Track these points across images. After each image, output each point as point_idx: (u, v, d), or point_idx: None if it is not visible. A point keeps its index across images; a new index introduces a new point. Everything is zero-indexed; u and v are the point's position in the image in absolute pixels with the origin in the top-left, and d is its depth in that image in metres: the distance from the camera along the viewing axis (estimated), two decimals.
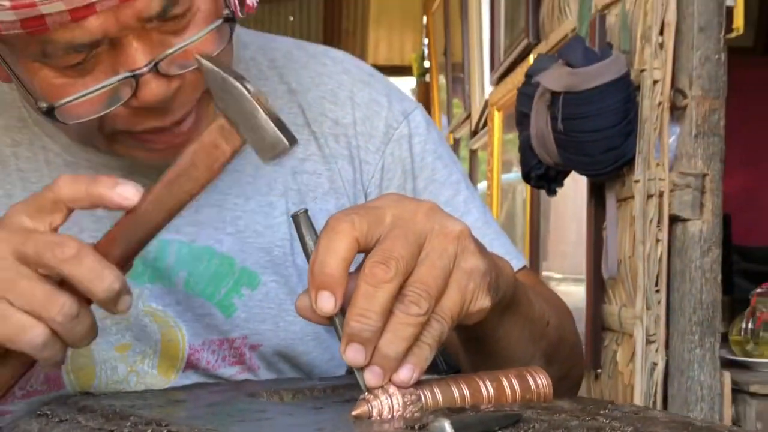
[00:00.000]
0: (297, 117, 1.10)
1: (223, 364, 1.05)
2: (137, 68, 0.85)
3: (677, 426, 0.73)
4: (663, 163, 1.72)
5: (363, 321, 0.70)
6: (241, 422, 0.76)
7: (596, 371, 2.03)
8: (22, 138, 1.04)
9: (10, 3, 0.78)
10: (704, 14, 1.72)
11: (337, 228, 0.72)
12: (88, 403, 0.83)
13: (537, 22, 2.67)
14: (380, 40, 7.37)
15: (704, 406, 1.72)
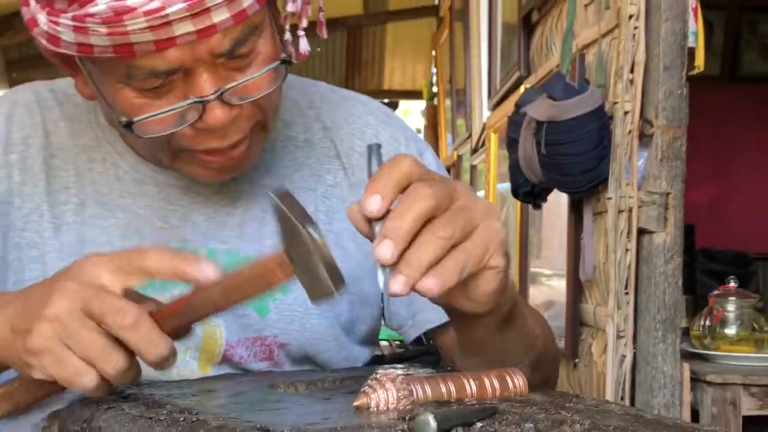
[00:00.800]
0: (330, 150, 1.11)
1: (254, 360, 1.05)
2: (205, 95, 0.87)
3: (630, 418, 0.74)
4: (632, 183, 1.73)
5: (397, 222, 0.69)
6: (259, 411, 0.77)
7: (574, 361, 2.03)
8: (97, 155, 1.05)
9: (107, 30, 0.80)
10: (668, 55, 1.73)
11: (400, 162, 0.72)
12: (132, 392, 0.84)
13: (527, 57, 2.68)
14: (395, 69, 7.36)
15: (666, 392, 1.73)
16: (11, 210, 1.02)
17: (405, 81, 7.39)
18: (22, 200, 1.02)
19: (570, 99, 1.72)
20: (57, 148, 1.05)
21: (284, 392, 0.87)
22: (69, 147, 1.05)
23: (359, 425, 0.66)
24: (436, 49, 5.84)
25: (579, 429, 0.68)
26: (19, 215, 1.02)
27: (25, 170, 1.03)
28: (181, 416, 0.71)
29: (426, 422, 0.64)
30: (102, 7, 0.79)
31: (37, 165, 1.03)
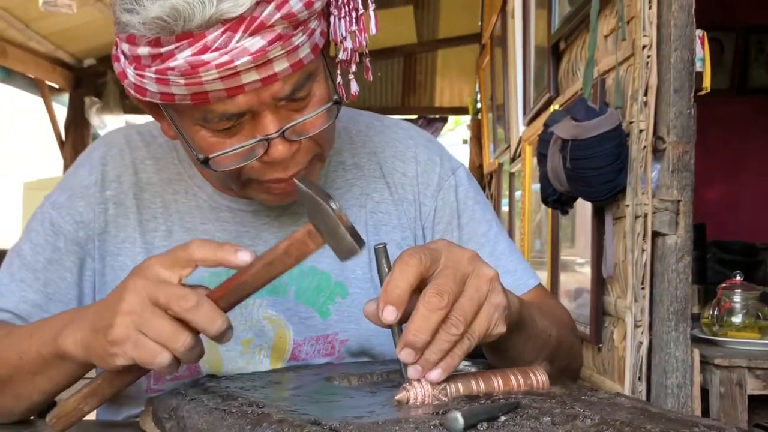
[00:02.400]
0: (376, 171, 1.11)
1: (318, 356, 1.05)
2: (269, 134, 0.87)
3: (636, 412, 0.73)
4: (647, 192, 1.69)
5: (418, 335, 0.72)
6: (315, 404, 0.78)
7: (598, 346, 2.00)
8: (179, 188, 1.06)
9: (184, 81, 0.81)
10: (678, 79, 1.69)
11: (410, 262, 0.73)
12: (212, 385, 0.85)
13: (556, 80, 2.64)
14: (444, 88, 7.34)
15: (678, 374, 1.69)
16: (108, 238, 1.04)
17: (453, 99, 7.37)
18: (117, 230, 1.04)
19: (591, 120, 1.69)
20: (145, 183, 1.06)
21: (339, 385, 0.87)
22: (155, 182, 1.06)
23: (398, 419, 0.66)
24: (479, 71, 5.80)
25: (589, 423, 0.66)
26: (114, 242, 1.04)
27: (118, 204, 1.05)
28: (249, 409, 0.72)
29: (455, 419, 0.64)
30: (180, 62, 0.80)
31: (129, 199, 1.05)
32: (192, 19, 0.78)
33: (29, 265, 1.02)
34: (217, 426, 0.70)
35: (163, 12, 0.78)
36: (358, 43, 0.91)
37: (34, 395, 0.90)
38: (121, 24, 0.82)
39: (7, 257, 1.04)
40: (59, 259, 1.02)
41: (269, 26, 0.80)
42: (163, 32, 0.79)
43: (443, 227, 1.11)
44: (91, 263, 1.04)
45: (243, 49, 0.80)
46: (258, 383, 0.87)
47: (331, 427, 0.64)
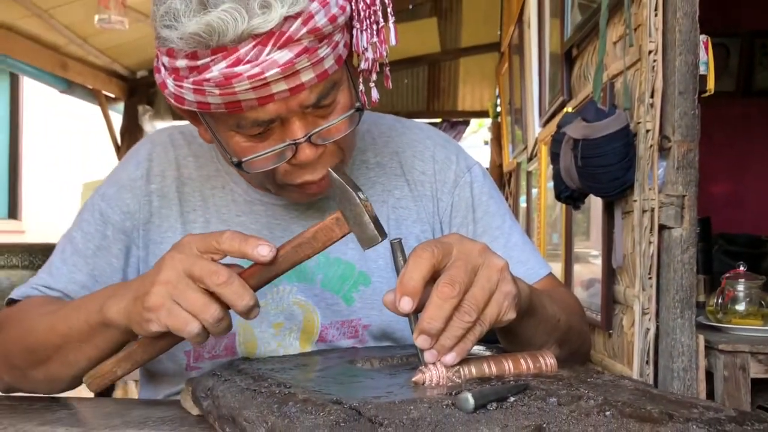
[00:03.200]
0: (397, 169, 1.11)
1: (343, 338, 1.05)
2: (297, 138, 0.88)
3: (638, 393, 0.71)
4: (654, 188, 1.66)
5: (432, 323, 0.72)
6: (338, 384, 0.77)
7: (609, 332, 1.97)
8: (217, 183, 1.07)
9: (219, 91, 0.82)
10: (683, 82, 1.65)
11: (423, 255, 0.73)
12: (245, 367, 0.85)
13: (569, 84, 2.61)
14: (466, 93, 7.30)
15: (684, 359, 1.66)
16: (152, 228, 1.05)
17: (474, 103, 7.33)
18: (160, 220, 1.05)
19: (601, 120, 1.67)
20: (187, 179, 1.07)
21: (361, 367, 0.87)
22: (195, 177, 1.07)
23: (413, 399, 0.66)
24: (498, 77, 5.76)
25: (593, 404, 0.65)
26: (158, 232, 1.05)
27: (162, 197, 1.06)
28: (277, 389, 0.72)
29: (466, 399, 0.63)
30: (215, 73, 0.81)
31: (172, 192, 1.06)
32: (226, 34, 0.79)
33: (80, 251, 1.03)
34: (247, 404, 0.70)
35: (199, 28, 0.79)
36: (379, 54, 0.91)
37: (81, 362, 0.91)
38: (161, 39, 0.83)
39: (60, 243, 1.06)
40: (107, 247, 1.04)
41: (296, 40, 0.80)
42: (200, 46, 0.80)
43: (459, 221, 1.10)
44: (136, 251, 1.05)
45: (272, 62, 0.80)
46: (287, 365, 0.87)
47: (351, 406, 0.64)
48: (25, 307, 0.99)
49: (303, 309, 1.04)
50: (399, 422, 0.60)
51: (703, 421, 0.61)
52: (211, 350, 1.02)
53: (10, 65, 4.75)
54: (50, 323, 0.91)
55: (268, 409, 0.67)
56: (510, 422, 0.61)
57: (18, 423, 0.86)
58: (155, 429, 0.83)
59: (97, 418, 0.89)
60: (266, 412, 0.67)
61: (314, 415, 0.64)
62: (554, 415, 0.63)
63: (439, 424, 0.60)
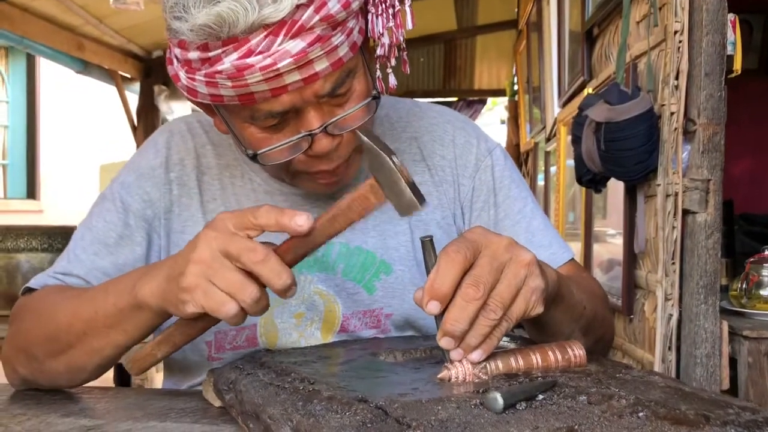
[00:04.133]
0: (416, 155, 1.09)
1: (365, 328, 1.04)
2: (313, 129, 0.86)
3: (670, 391, 0.69)
4: (678, 172, 1.63)
5: (456, 325, 0.71)
6: (362, 379, 0.76)
7: (630, 317, 1.95)
8: (236, 172, 1.06)
9: (231, 84, 0.80)
10: (709, 63, 1.61)
11: (456, 258, 0.71)
12: (267, 360, 0.84)
13: (590, 65, 2.56)
14: (483, 72, 7.22)
15: (707, 345, 1.64)
16: (172, 217, 1.04)
17: (491, 81, 7.26)
18: (180, 209, 1.04)
19: (624, 103, 1.63)
20: (206, 167, 1.06)
21: (384, 360, 0.85)
22: (214, 166, 1.06)
23: (440, 398, 0.65)
24: (516, 55, 5.69)
25: (624, 403, 0.64)
26: (178, 221, 1.04)
27: (182, 185, 1.05)
28: (301, 385, 0.71)
29: (495, 399, 0.62)
30: (227, 65, 0.79)
31: (191, 181, 1.05)
32: (236, 24, 0.77)
33: (101, 240, 1.02)
34: (271, 401, 0.69)
35: (209, 19, 0.77)
36: (396, 38, 0.89)
37: (106, 349, 0.88)
38: (172, 30, 0.82)
39: (77, 233, 1.04)
40: (130, 235, 1.02)
41: (309, 29, 0.78)
42: (210, 38, 0.78)
43: (480, 205, 1.08)
44: (158, 240, 1.04)
45: (285, 52, 0.78)
46: (310, 358, 0.86)
47: (377, 405, 0.63)
48: (43, 295, 0.97)
49: (324, 299, 1.03)
50: (427, 423, 0.59)
51: (740, 423, 0.59)
52: (232, 341, 1.01)
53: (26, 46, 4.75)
54: (73, 308, 0.88)
55: (292, 407, 0.66)
56: (540, 423, 0.60)
57: (41, 414, 0.86)
58: (177, 421, 0.83)
59: (119, 409, 0.89)
60: (291, 410, 0.66)
61: (340, 414, 0.62)
62: (585, 415, 0.62)
63: (469, 425, 0.59)
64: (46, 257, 2.40)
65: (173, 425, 0.81)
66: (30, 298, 0.98)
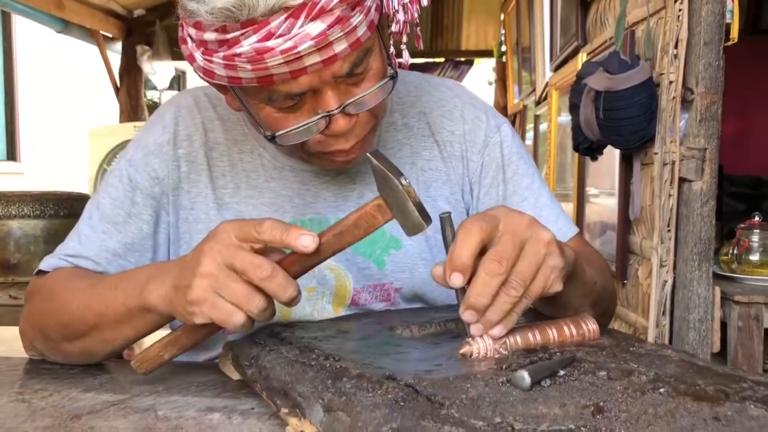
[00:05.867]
0: (425, 131, 1.09)
1: (376, 301, 1.05)
2: (330, 110, 0.86)
3: (685, 365, 0.72)
4: (675, 140, 1.65)
5: (479, 299, 0.72)
6: (386, 356, 0.77)
7: (623, 281, 1.99)
8: (245, 148, 1.05)
9: (251, 66, 0.80)
10: (708, 32, 1.63)
11: (472, 230, 0.72)
12: (287, 335, 0.85)
13: (584, 29, 2.56)
14: (470, 32, 7.17)
15: (700, 310, 1.68)
16: (181, 193, 1.04)
17: (478, 42, 7.20)
18: (189, 186, 1.04)
19: (624, 73, 1.64)
20: (214, 143, 1.05)
21: (402, 335, 0.87)
22: (222, 141, 1.05)
23: (467, 376, 0.66)
24: (504, 14, 5.65)
25: (645, 380, 0.66)
26: (188, 197, 1.04)
27: (190, 161, 1.04)
28: (327, 362, 0.72)
29: (522, 377, 0.64)
30: (246, 48, 0.78)
31: (200, 157, 1.04)
32: (256, 8, 0.76)
33: (109, 218, 1.02)
34: (300, 379, 0.71)
35: (229, 2, 0.76)
36: (410, 15, 0.88)
37: (117, 341, 0.90)
38: (187, 11, 0.80)
39: (86, 211, 1.04)
40: (137, 213, 1.03)
41: (329, 10, 0.78)
42: (229, 20, 0.77)
43: (489, 181, 1.09)
44: (166, 217, 1.04)
45: (305, 35, 0.78)
46: (329, 333, 0.87)
47: (406, 383, 0.64)
48: (57, 280, 0.97)
49: (335, 273, 1.04)
50: (459, 402, 0.60)
51: (758, 399, 0.61)
52: None
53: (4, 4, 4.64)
54: (85, 301, 0.90)
55: (322, 385, 0.68)
56: (567, 400, 0.62)
57: (63, 389, 0.87)
58: (198, 395, 0.84)
59: (139, 383, 0.90)
60: (321, 387, 0.67)
61: (372, 393, 0.64)
62: (608, 391, 0.64)
63: (499, 403, 0.60)
64: (39, 224, 2.38)
65: (194, 399, 0.83)
66: (43, 281, 0.99)
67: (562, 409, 0.60)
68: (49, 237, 2.34)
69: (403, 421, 0.59)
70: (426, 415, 0.59)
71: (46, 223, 2.38)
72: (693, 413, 0.59)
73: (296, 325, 0.93)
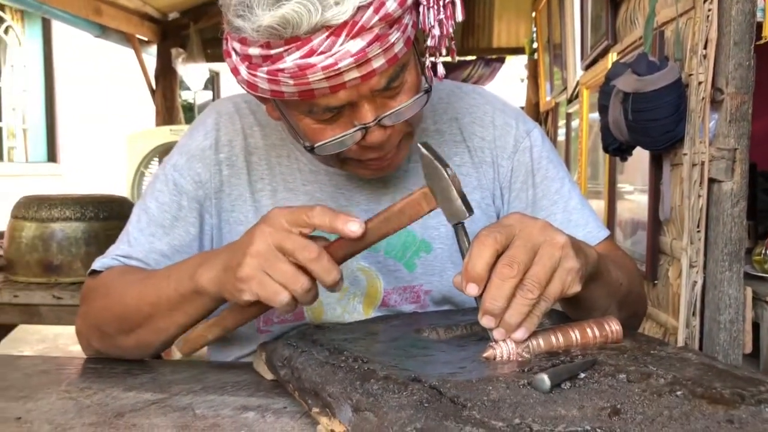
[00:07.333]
0: (457, 136, 1.12)
1: (405, 303, 1.08)
2: (367, 122, 0.89)
3: (704, 368, 0.73)
4: (705, 141, 1.65)
5: (494, 303, 0.74)
6: (412, 358, 0.80)
7: (654, 282, 1.99)
8: (282, 152, 1.09)
9: (293, 81, 0.83)
10: (738, 32, 1.61)
11: (486, 242, 0.75)
12: (318, 337, 0.88)
13: (614, 29, 2.55)
14: (502, 30, 7.15)
15: (731, 311, 1.68)
16: (222, 196, 1.08)
17: (510, 39, 7.18)
18: (230, 189, 1.08)
19: (653, 74, 1.64)
20: (253, 147, 1.09)
21: (428, 338, 0.89)
22: (261, 146, 1.09)
23: (489, 378, 0.68)
24: (536, 12, 5.62)
25: (663, 382, 0.68)
26: (228, 200, 1.08)
27: (231, 166, 1.08)
28: (356, 364, 0.75)
29: (542, 380, 0.66)
30: (289, 64, 0.81)
31: (240, 161, 1.08)
32: (299, 26, 0.79)
33: (157, 221, 1.06)
34: (329, 380, 0.74)
35: (274, 21, 0.79)
36: (446, 30, 0.91)
37: (171, 328, 0.94)
38: (233, 27, 0.83)
39: (134, 215, 1.09)
40: (184, 216, 1.07)
41: (368, 29, 0.81)
42: (273, 37, 0.81)
43: (519, 186, 1.11)
44: (209, 219, 1.08)
45: (345, 52, 0.81)
46: (357, 335, 0.90)
47: (431, 385, 0.67)
48: (110, 277, 1.02)
49: (366, 275, 1.07)
50: (481, 404, 0.63)
51: None
52: (280, 314, 1.06)
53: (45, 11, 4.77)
54: (139, 292, 0.94)
55: (350, 386, 0.71)
56: (585, 402, 0.64)
57: (107, 388, 0.92)
58: (234, 394, 0.88)
59: (178, 383, 0.94)
60: (349, 388, 0.70)
61: (398, 394, 0.67)
62: (626, 393, 0.66)
63: (519, 405, 0.63)
64: (80, 226, 2.45)
65: (231, 398, 0.87)
66: (98, 280, 1.04)
67: (580, 411, 0.63)
68: (90, 239, 2.41)
69: (426, 421, 0.62)
70: (449, 416, 0.62)
71: (87, 225, 2.44)
72: (707, 416, 0.61)
73: (326, 327, 0.96)
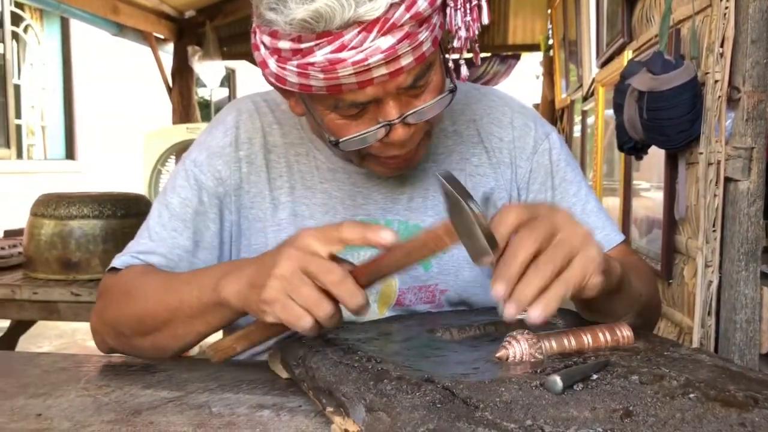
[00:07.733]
0: (475, 137, 1.12)
1: (420, 303, 1.08)
2: (391, 119, 0.89)
3: (718, 371, 0.73)
4: (721, 140, 1.64)
5: (506, 268, 0.73)
6: (425, 358, 0.80)
7: (669, 281, 1.98)
8: (300, 150, 1.10)
9: (323, 76, 0.83)
10: (756, 30, 1.60)
11: (509, 210, 0.75)
12: (332, 337, 0.88)
13: (630, 26, 2.54)
14: (517, 27, 7.13)
15: (747, 311, 1.66)
16: (242, 193, 1.09)
17: (525, 36, 7.16)
18: (249, 186, 1.09)
19: (668, 73, 1.63)
20: (272, 145, 1.10)
21: (442, 338, 0.90)
22: (280, 144, 1.10)
23: (502, 379, 0.69)
24: (551, 8, 5.59)
25: (676, 384, 0.68)
26: (247, 197, 1.09)
27: (250, 163, 1.09)
28: (369, 364, 0.75)
29: (554, 381, 0.66)
30: (320, 58, 0.82)
31: (259, 159, 1.09)
32: (332, 20, 0.79)
33: (179, 216, 1.07)
34: (343, 379, 0.74)
35: (307, 14, 0.79)
36: (472, 32, 0.91)
37: (189, 336, 0.94)
38: (265, 20, 0.83)
39: (154, 210, 1.09)
40: (204, 211, 1.07)
41: (399, 26, 0.81)
42: (304, 31, 0.81)
43: (537, 187, 1.11)
44: (229, 216, 1.09)
45: (376, 48, 0.81)
46: (371, 335, 0.90)
47: (443, 385, 0.68)
48: (130, 277, 1.02)
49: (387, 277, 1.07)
50: (493, 405, 0.63)
51: None
52: None
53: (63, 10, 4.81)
54: (160, 296, 0.94)
55: (364, 386, 0.71)
56: (597, 404, 0.64)
57: (124, 386, 0.93)
58: (249, 393, 0.89)
59: (194, 381, 0.94)
60: (363, 388, 0.71)
61: (411, 394, 0.68)
62: (638, 395, 0.66)
63: (532, 406, 0.63)
64: (98, 224, 2.48)
65: (246, 396, 0.87)
66: (117, 278, 1.04)
67: (592, 413, 0.63)
68: (107, 236, 2.43)
69: (439, 422, 0.62)
70: (461, 416, 0.62)
71: (105, 222, 2.47)
72: (720, 419, 0.61)
73: (341, 327, 0.96)
